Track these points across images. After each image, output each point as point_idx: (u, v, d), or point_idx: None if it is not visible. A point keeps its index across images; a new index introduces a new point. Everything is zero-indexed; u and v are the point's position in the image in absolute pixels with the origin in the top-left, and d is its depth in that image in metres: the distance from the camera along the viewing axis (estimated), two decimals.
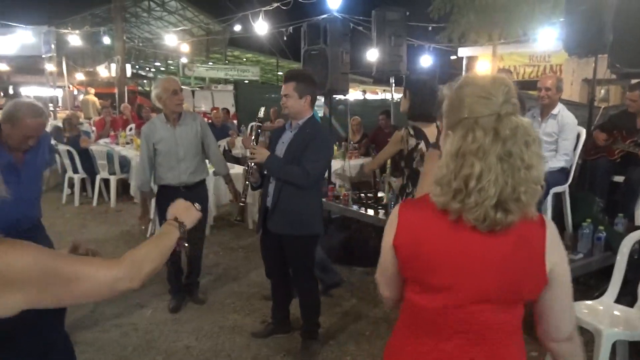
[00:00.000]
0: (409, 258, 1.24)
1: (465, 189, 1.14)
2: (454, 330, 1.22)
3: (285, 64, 29.83)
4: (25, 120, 2.57)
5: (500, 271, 1.18)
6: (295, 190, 2.98)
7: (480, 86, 1.20)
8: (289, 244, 3.11)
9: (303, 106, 2.97)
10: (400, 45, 5.44)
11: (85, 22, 17.97)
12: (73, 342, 3.31)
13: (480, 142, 1.14)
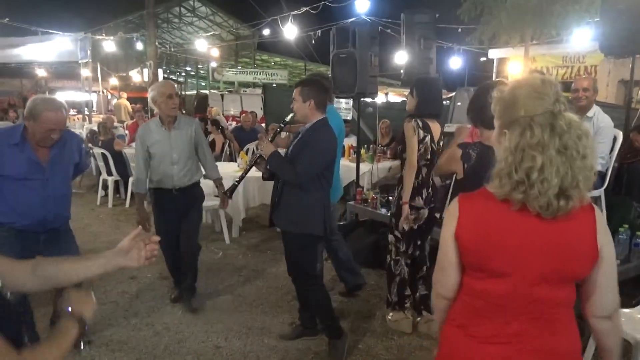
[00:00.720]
0: (475, 246, 1.34)
1: (527, 180, 1.26)
2: (518, 311, 1.33)
3: (314, 67, 29.95)
4: (44, 114, 2.66)
5: (559, 252, 1.30)
6: (296, 188, 3.08)
7: (533, 87, 1.32)
8: (286, 241, 3.24)
9: (307, 109, 3.06)
10: (429, 48, 5.38)
11: (119, 28, 18.44)
12: (107, 340, 3.42)
13: (539, 138, 1.26)
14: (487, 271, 1.35)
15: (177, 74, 33.88)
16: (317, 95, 3.05)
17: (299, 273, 3.26)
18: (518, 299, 1.32)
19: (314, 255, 3.21)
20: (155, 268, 4.79)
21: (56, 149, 2.85)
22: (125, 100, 15.97)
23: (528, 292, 1.31)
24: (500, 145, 1.35)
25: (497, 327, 1.36)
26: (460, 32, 12.58)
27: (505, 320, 1.35)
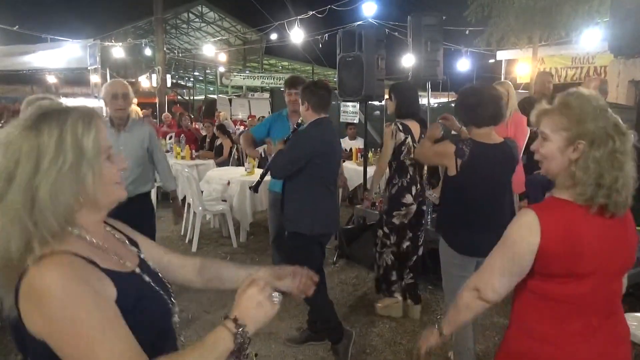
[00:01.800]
0: (563, 254, 1.40)
1: (614, 185, 1.37)
2: (598, 308, 1.45)
3: (321, 71, 30.04)
4: None
5: (627, 246, 1.47)
6: (292, 188, 3.18)
7: (597, 100, 1.43)
8: (286, 240, 3.33)
9: (304, 111, 3.18)
10: (437, 50, 5.36)
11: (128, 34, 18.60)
12: None
13: (618, 146, 1.38)
14: (573, 275, 1.42)
15: (186, 79, 34.12)
16: (311, 97, 3.13)
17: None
18: (599, 296, 1.44)
19: (308, 255, 3.13)
20: None
21: None
22: (136, 105, 16.09)
23: (608, 288, 1.45)
24: (564, 155, 1.43)
25: (580, 325, 1.44)
26: (468, 34, 12.55)
27: (589, 318, 1.44)
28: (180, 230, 6.11)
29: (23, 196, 0.94)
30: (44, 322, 0.92)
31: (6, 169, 0.96)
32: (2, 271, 0.98)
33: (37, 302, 0.92)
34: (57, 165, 0.96)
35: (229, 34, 27.54)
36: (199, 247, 5.50)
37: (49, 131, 0.97)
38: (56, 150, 0.96)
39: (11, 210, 0.94)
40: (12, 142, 0.97)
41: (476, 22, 11.49)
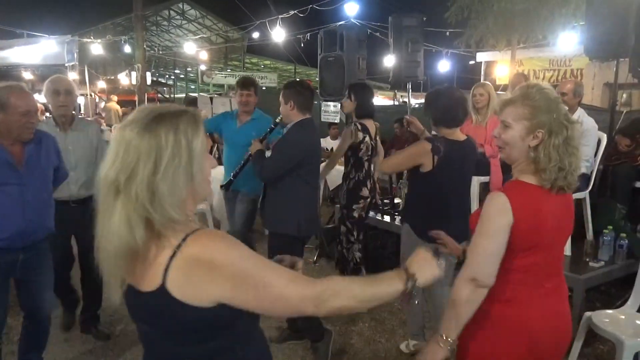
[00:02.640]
0: (532, 230, 1.57)
1: (569, 168, 1.56)
2: (550, 272, 1.65)
3: (303, 71, 29.98)
4: (13, 99, 2.37)
5: (568, 218, 1.68)
6: (273, 189, 3.18)
7: (553, 93, 1.62)
8: (269, 241, 3.28)
9: (287, 111, 3.15)
10: (417, 51, 5.41)
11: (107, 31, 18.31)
12: (92, 344, 3.37)
13: (570, 134, 1.56)
14: (537, 247, 1.60)
15: (167, 77, 33.72)
16: (297, 97, 3.12)
17: None
18: (551, 263, 1.64)
19: (292, 255, 3.13)
20: None
21: (31, 148, 2.54)
22: (116, 104, 15.87)
23: (557, 255, 1.64)
24: (524, 142, 1.59)
25: (545, 288, 1.64)
26: (449, 35, 12.69)
27: (543, 283, 1.63)
28: None
29: (146, 190, 1.08)
30: (222, 280, 1.09)
31: (128, 166, 1.09)
32: (125, 258, 1.11)
33: (209, 268, 1.08)
34: (174, 164, 1.10)
35: (211, 32, 27.31)
36: None
37: (165, 134, 1.11)
38: (173, 152, 1.10)
39: (135, 202, 1.08)
40: (132, 142, 1.10)
41: (456, 24, 11.62)
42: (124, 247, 1.09)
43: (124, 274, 1.15)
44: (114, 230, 1.09)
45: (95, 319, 3.57)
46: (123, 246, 1.09)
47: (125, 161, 1.09)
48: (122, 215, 1.09)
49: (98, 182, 1.14)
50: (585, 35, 4.97)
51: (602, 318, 2.82)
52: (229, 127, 4.20)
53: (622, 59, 4.64)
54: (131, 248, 1.09)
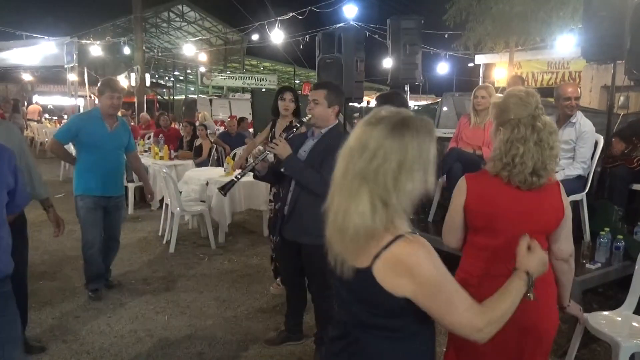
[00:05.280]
0: (480, 212, 1.85)
1: (512, 163, 1.80)
2: (507, 257, 1.69)
3: (302, 72, 30.04)
4: None
5: (535, 214, 1.83)
6: (312, 198, 2.92)
7: (519, 97, 1.87)
8: (305, 253, 3.09)
9: (329, 115, 2.98)
10: (415, 53, 5.44)
11: (107, 32, 18.33)
12: (89, 346, 3.37)
13: (523, 134, 1.81)
14: (490, 229, 1.84)
15: (166, 79, 33.74)
16: (341, 103, 3.03)
17: (318, 283, 3.14)
18: (508, 248, 1.68)
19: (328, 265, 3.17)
20: (140, 273, 4.75)
21: None
22: None
23: (515, 243, 1.65)
24: (496, 138, 1.90)
25: (500, 270, 1.73)
26: (447, 38, 12.71)
27: (505, 264, 1.71)
28: (158, 230, 6.06)
29: (391, 181, 1.23)
30: (414, 286, 1.25)
31: (378, 158, 1.24)
32: (363, 240, 1.27)
33: (409, 272, 1.25)
34: (415, 167, 1.25)
35: (210, 34, 27.35)
36: (177, 248, 5.46)
37: (410, 138, 1.26)
38: (418, 155, 1.26)
39: (381, 190, 1.24)
40: (382, 140, 1.26)
41: (455, 26, 11.65)
42: (363, 227, 1.25)
43: (350, 250, 1.31)
44: (359, 210, 1.25)
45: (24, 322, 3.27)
46: (363, 226, 1.25)
47: (375, 154, 1.25)
48: (367, 199, 1.24)
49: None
50: (582, 37, 4.98)
51: (598, 319, 2.82)
52: (99, 129, 3.95)
53: (619, 61, 4.65)
54: (368, 228, 1.25)
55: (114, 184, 4.11)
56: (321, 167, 2.88)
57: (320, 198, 2.92)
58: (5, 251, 2.01)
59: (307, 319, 3.58)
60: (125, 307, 4.02)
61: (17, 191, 2.07)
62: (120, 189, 4.27)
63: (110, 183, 4.05)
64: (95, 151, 3.97)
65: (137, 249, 5.50)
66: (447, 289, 1.28)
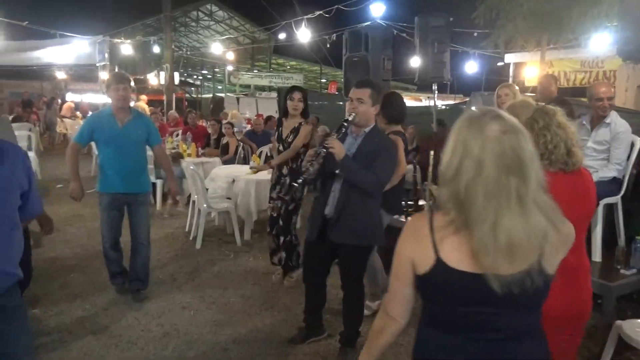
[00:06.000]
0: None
1: (546, 150, 1.93)
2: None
3: (329, 71, 30.01)
4: None
5: (583, 196, 1.98)
6: (360, 199, 2.97)
7: (517, 106, 2.15)
8: (348, 253, 3.10)
9: (372, 114, 3.00)
10: (443, 52, 5.36)
11: (137, 32, 18.71)
12: (117, 339, 3.44)
13: (543, 123, 1.94)
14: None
15: (194, 77, 34.21)
16: (380, 101, 3.05)
17: (355, 283, 3.17)
18: None
19: (366, 265, 3.23)
20: (167, 269, 4.82)
21: None
22: (144, 103, 16.19)
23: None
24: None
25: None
26: (476, 36, 12.51)
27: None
28: (185, 226, 6.14)
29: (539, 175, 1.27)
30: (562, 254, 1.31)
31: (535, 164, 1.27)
32: (543, 239, 1.24)
33: (563, 245, 1.31)
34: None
35: (238, 33, 27.58)
36: (203, 245, 5.53)
37: (531, 144, 1.29)
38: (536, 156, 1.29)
39: (535, 188, 1.24)
40: (529, 144, 1.25)
41: (484, 25, 11.44)
42: (545, 230, 1.22)
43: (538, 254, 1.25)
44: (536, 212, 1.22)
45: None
46: (545, 229, 1.22)
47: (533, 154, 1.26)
48: (534, 205, 1.22)
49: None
50: (618, 36, 4.83)
51: (633, 327, 2.73)
52: (111, 127, 3.92)
53: None
54: (546, 231, 1.23)
55: (132, 180, 3.97)
56: (373, 167, 2.90)
57: (369, 199, 3.01)
58: (16, 257, 1.92)
59: (329, 318, 3.57)
60: (152, 302, 4.09)
61: (31, 196, 2.00)
62: (142, 186, 4.10)
63: (128, 180, 3.94)
64: (109, 148, 3.94)
65: (164, 245, 5.58)
66: None
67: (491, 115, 1.26)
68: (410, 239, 1.36)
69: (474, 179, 1.21)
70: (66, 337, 3.43)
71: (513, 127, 1.25)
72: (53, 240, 5.48)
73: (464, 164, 1.22)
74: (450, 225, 1.27)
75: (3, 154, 1.85)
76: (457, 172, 1.24)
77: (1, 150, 1.85)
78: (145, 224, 4.15)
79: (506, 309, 1.28)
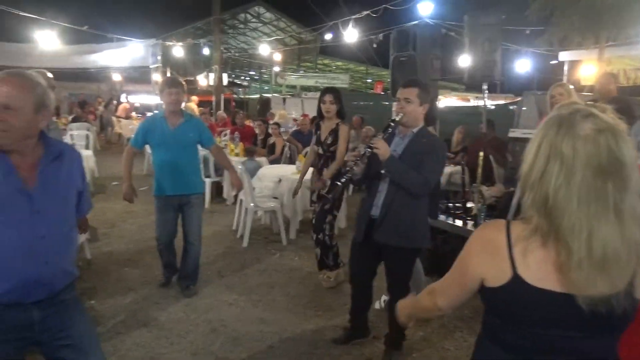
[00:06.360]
0: None
1: None
2: None
3: (375, 71, 29.84)
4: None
5: None
6: (407, 200, 2.95)
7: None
8: (393, 255, 3.08)
9: (420, 114, 2.96)
10: (494, 50, 5.20)
11: (188, 34, 19.23)
12: (167, 332, 3.55)
13: None
14: None
15: (242, 78, 34.85)
16: (429, 102, 3.01)
17: (400, 285, 3.14)
18: None
19: (413, 266, 3.22)
20: (215, 266, 4.94)
21: (47, 163, 1.83)
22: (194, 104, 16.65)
23: None
24: None
25: None
26: (529, 34, 12.08)
27: None
28: (232, 225, 6.26)
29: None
30: None
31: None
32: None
33: None
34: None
35: (285, 34, 27.86)
36: (250, 243, 5.62)
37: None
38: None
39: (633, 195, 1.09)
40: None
41: (538, 22, 11.03)
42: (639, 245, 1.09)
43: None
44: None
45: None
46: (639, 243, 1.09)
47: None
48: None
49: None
50: None
51: None
52: (163, 131, 4.01)
53: None
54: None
55: (185, 182, 4.07)
56: (420, 168, 2.87)
57: (415, 200, 2.98)
58: (73, 256, 1.98)
59: (374, 319, 3.55)
60: (201, 297, 4.20)
61: (83, 196, 2.05)
62: (193, 187, 4.16)
63: (181, 182, 4.04)
64: (161, 150, 4.06)
65: (212, 242, 5.72)
66: None
67: (583, 114, 1.13)
68: (481, 252, 1.23)
69: (566, 183, 1.08)
70: (120, 328, 3.58)
71: (609, 126, 1.10)
72: (109, 235, 5.74)
73: (551, 166, 1.10)
74: (533, 236, 1.13)
75: (63, 155, 1.90)
76: (542, 175, 1.11)
77: (61, 152, 1.89)
78: (197, 225, 4.22)
79: (587, 333, 1.15)
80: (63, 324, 1.88)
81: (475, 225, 4.32)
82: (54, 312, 1.85)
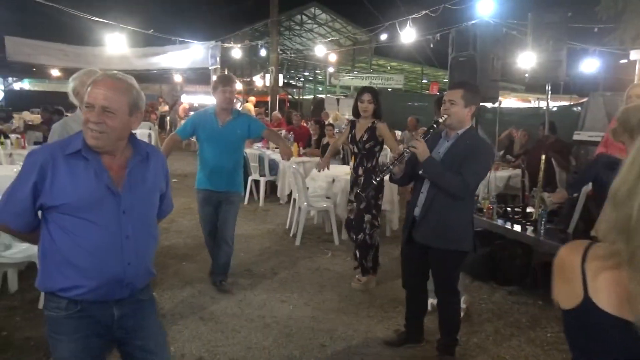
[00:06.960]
0: None
1: None
2: None
3: (431, 72, 29.35)
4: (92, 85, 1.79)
5: None
6: (447, 202, 2.91)
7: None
8: (435, 257, 3.05)
9: (466, 115, 2.93)
10: (560, 50, 5.01)
11: (246, 36, 19.65)
12: (222, 325, 3.66)
13: None
14: None
15: (296, 79, 35.25)
16: (478, 103, 2.97)
17: (445, 289, 3.13)
18: None
19: (459, 271, 3.17)
20: (268, 263, 5.03)
21: (135, 164, 1.88)
22: (252, 105, 17.02)
23: None
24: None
25: None
26: (597, 31, 11.48)
27: None
28: (286, 223, 6.35)
29: None
30: None
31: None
32: None
33: None
34: None
35: (340, 35, 27.93)
36: (302, 242, 5.68)
37: None
38: None
39: None
40: None
41: (607, 19, 10.46)
42: None
43: None
44: None
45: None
46: None
47: None
48: None
49: None
50: None
51: None
52: (212, 127, 4.07)
53: None
54: None
55: (226, 179, 4.11)
56: (461, 170, 2.83)
57: (456, 202, 2.92)
58: (152, 255, 2.02)
59: (427, 323, 3.50)
60: (255, 293, 4.28)
61: (166, 197, 2.10)
62: (234, 186, 4.19)
63: (222, 178, 4.09)
64: (208, 145, 4.13)
65: (265, 240, 5.83)
66: None
67: None
68: (558, 274, 1.10)
69: None
70: (178, 320, 3.72)
71: None
72: (168, 230, 5.97)
73: None
74: (611, 258, 0.98)
75: (149, 157, 1.94)
76: (629, 193, 0.95)
77: (147, 155, 1.93)
78: (232, 223, 4.26)
79: None
80: (137, 324, 1.93)
81: (534, 231, 4.17)
82: (131, 311, 1.90)
